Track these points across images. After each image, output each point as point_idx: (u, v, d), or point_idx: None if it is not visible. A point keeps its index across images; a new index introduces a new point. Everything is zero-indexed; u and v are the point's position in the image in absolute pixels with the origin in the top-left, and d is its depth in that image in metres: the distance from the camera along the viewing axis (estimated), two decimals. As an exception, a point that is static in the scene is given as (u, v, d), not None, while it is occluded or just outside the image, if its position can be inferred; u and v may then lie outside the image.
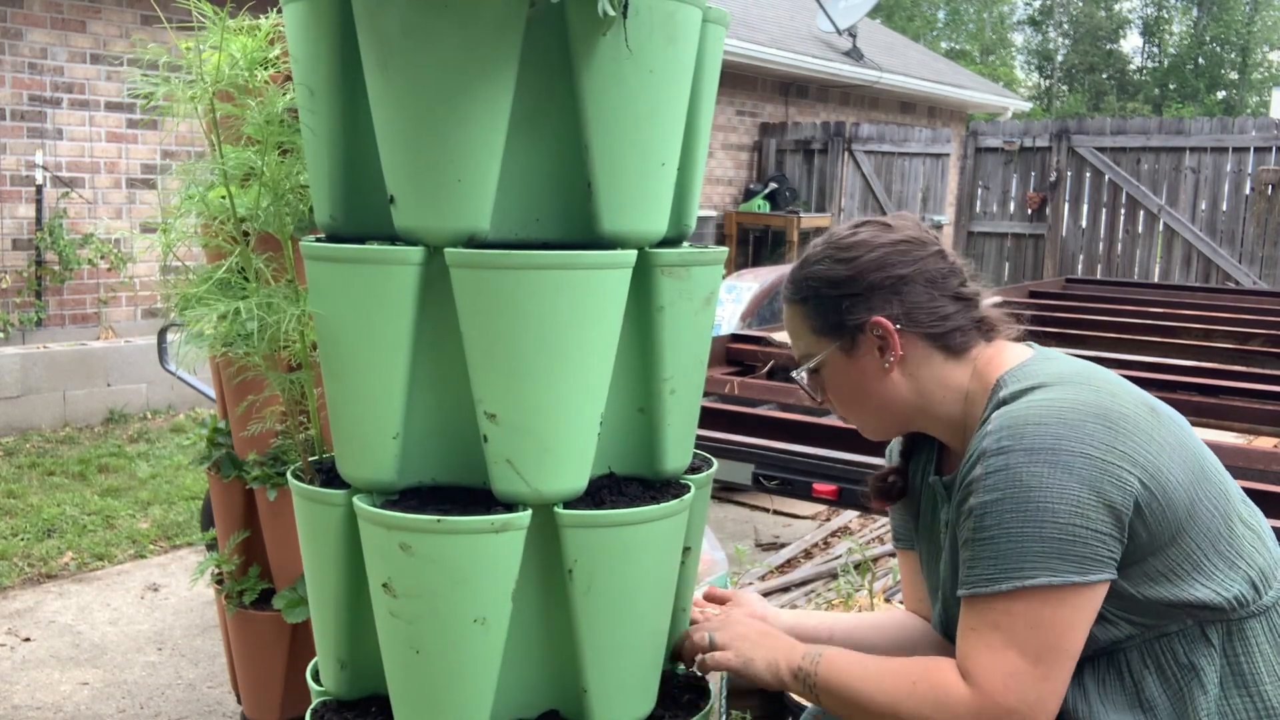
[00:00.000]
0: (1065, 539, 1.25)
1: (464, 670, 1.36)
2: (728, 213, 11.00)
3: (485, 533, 1.32)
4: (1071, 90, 37.24)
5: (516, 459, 1.35)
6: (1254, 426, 2.99)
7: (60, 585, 3.99)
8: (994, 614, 1.29)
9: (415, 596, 1.34)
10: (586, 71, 1.34)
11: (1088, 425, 1.28)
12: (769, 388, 3.37)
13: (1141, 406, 1.34)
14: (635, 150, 1.38)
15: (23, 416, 6.18)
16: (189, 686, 3.22)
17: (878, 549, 4.33)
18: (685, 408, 1.52)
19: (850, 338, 1.46)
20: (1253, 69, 36.58)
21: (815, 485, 2.75)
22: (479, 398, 1.35)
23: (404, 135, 1.32)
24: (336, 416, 1.43)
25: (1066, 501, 1.25)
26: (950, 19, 37.84)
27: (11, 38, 6.36)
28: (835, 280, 1.46)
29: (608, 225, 1.38)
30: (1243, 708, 1.32)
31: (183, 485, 5.18)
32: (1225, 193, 10.10)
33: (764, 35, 11.11)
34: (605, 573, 1.39)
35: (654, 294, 1.43)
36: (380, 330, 1.35)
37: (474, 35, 1.28)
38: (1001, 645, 1.28)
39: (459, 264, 1.32)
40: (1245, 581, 1.33)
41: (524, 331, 1.31)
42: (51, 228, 6.48)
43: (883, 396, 1.47)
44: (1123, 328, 4.57)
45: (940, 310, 1.44)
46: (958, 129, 14.28)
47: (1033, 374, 1.37)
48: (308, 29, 1.39)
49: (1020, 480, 1.27)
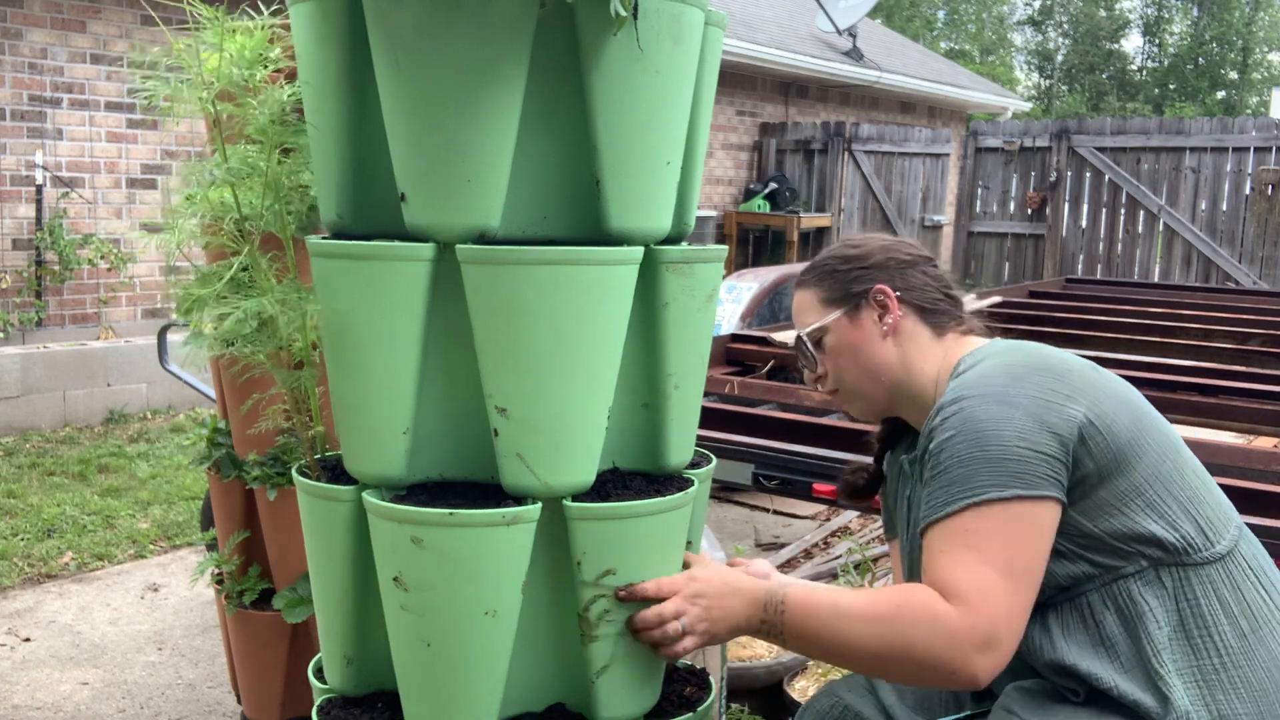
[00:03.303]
0: (1009, 459, 1.35)
1: (475, 663, 1.38)
2: (728, 213, 11.00)
3: (497, 526, 1.34)
4: (1071, 90, 37.24)
5: (527, 453, 1.37)
6: (1254, 426, 2.99)
7: (60, 585, 3.99)
8: (954, 533, 1.36)
9: (426, 590, 1.35)
10: (596, 72, 1.36)
11: (1034, 376, 1.42)
12: (769, 388, 3.37)
13: (1086, 366, 1.48)
14: (642, 149, 1.41)
15: (23, 416, 6.18)
16: (189, 686, 3.22)
17: (878, 549, 4.33)
18: (688, 403, 1.54)
19: (855, 304, 1.62)
20: (1253, 69, 36.57)
21: (815, 485, 2.75)
22: (489, 392, 1.37)
23: (416, 133, 1.33)
24: (344, 413, 1.44)
25: (1011, 428, 1.36)
26: (950, 19, 37.84)
27: (11, 38, 6.36)
28: (847, 258, 1.65)
29: (615, 223, 1.41)
30: (1204, 648, 1.37)
31: (183, 485, 5.18)
32: (1225, 193, 10.11)
33: (764, 35, 11.11)
34: (612, 564, 1.41)
35: (659, 290, 1.46)
36: (391, 326, 1.37)
37: (486, 35, 1.30)
38: (974, 561, 1.34)
39: (471, 260, 1.34)
40: (1194, 526, 1.40)
41: (534, 326, 1.34)
42: (51, 228, 6.48)
43: (874, 358, 1.61)
44: (1123, 328, 4.57)
45: (932, 294, 1.64)
46: (958, 129, 14.28)
47: (985, 352, 1.53)
48: (316, 29, 1.40)
49: (972, 416, 1.38)
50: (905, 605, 1.35)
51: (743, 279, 5.48)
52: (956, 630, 1.31)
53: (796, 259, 10.30)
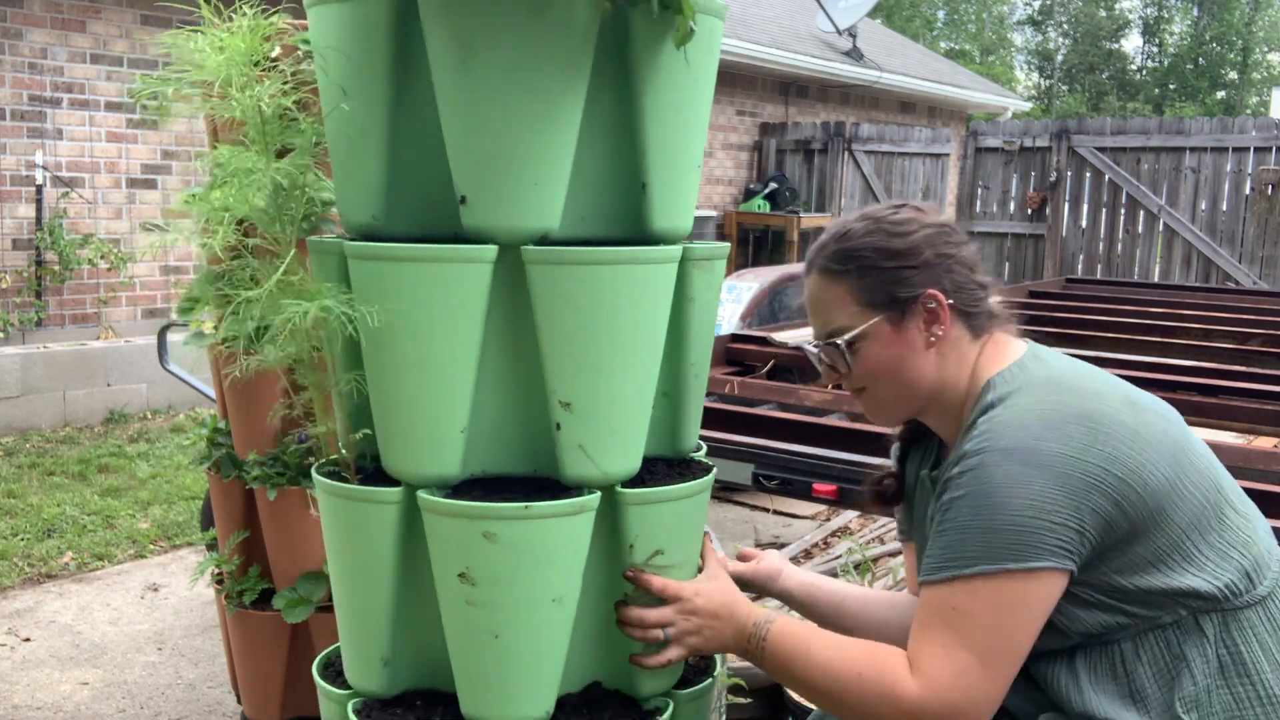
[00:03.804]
0: (1011, 529, 1.27)
1: (542, 649, 1.43)
2: (728, 213, 11.00)
3: (566, 516, 1.40)
4: (1071, 90, 37.23)
5: (588, 444, 1.43)
6: (1254, 426, 2.99)
7: (60, 585, 3.99)
8: (939, 604, 1.31)
9: (496, 582, 1.39)
10: (650, 79, 1.42)
11: (1069, 426, 1.30)
12: (769, 388, 3.38)
13: (1124, 405, 1.35)
14: (683, 152, 1.49)
15: (23, 416, 6.18)
16: (189, 686, 3.22)
17: (878, 549, 4.33)
18: (701, 391, 1.63)
19: (900, 310, 1.44)
20: (1253, 69, 36.56)
21: (815, 485, 2.75)
22: (553, 388, 1.42)
23: (483, 138, 1.36)
24: (393, 414, 1.45)
25: (1025, 495, 1.27)
26: (950, 19, 37.83)
27: (11, 38, 6.36)
28: (892, 252, 1.44)
29: (659, 223, 1.48)
30: (1245, 696, 1.32)
31: (183, 485, 5.18)
32: (1225, 193, 10.10)
33: (764, 35, 11.11)
34: (660, 545, 1.49)
35: (686, 285, 1.53)
36: (454, 327, 1.40)
37: (555, 41, 1.34)
38: (953, 643, 1.29)
39: (538, 261, 1.39)
40: (1238, 571, 1.33)
41: (597, 323, 1.39)
42: (51, 228, 6.48)
43: (915, 372, 1.46)
44: (1123, 328, 4.57)
45: (976, 294, 1.47)
46: (958, 129, 14.27)
47: (1018, 378, 1.39)
48: (356, 32, 1.40)
49: (988, 477, 1.29)
50: (867, 673, 1.34)
51: (743, 279, 5.48)
52: (909, 710, 1.30)
53: (796, 259, 10.30)
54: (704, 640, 1.49)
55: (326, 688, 1.57)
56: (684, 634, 1.48)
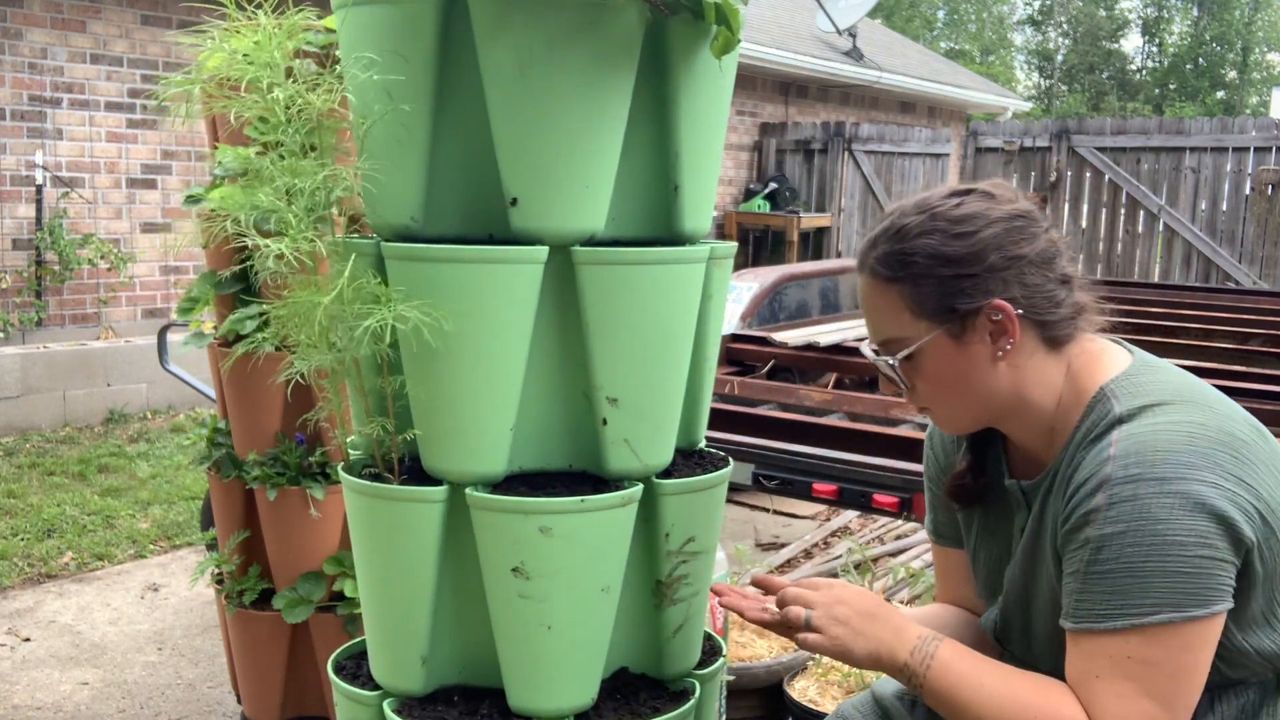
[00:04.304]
0: (1190, 571, 1.16)
1: (591, 638, 1.48)
2: (728, 213, 11.00)
3: (616, 508, 1.45)
4: (1071, 90, 37.23)
5: (633, 438, 1.48)
6: (1254, 426, 2.98)
7: (60, 585, 3.99)
8: (1113, 658, 1.19)
9: (551, 575, 1.42)
10: (686, 85, 1.48)
11: (1218, 454, 1.19)
12: (769, 388, 3.38)
13: (1251, 429, 1.26)
14: (711, 154, 1.55)
15: (23, 416, 6.18)
16: (189, 686, 3.22)
17: (878, 549, 4.33)
18: (711, 384, 1.68)
19: (961, 322, 1.29)
20: (1253, 69, 36.57)
21: (815, 485, 2.75)
22: (600, 384, 1.46)
23: (538, 141, 1.39)
24: (441, 414, 1.45)
25: (1195, 534, 1.16)
26: (950, 19, 37.84)
27: (11, 38, 6.36)
28: (951, 258, 1.28)
29: (689, 223, 1.54)
30: None
31: (183, 485, 5.18)
32: (1225, 193, 10.09)
33: (764, 35, 11.11)
34: (692, 532, 1.56)
35: (707, 283, 1.57)
36: (506, 326, 1.42)
37: (607, 49, 1.38)
38: (1131, 693, 1.18)
39: (589, 261, 1.42)
40: None
41: (643, 320, 1.45)
42: (51, 228, 6.48)
43: (984, 388, 1.32)
44: (1123, 328, 4.55)
45: (1054, 296, 1.31)
46: (958, 129, 14.27)
47: (1145, 388, 1.27)
48: (399, 32, 1.40)
49: (1149, 513, 1.17)
50: (1043, 716, 1.23)
51: (743, 279, 5.48)
52: None
53: (796, 259, 10.30)
54: (852, 635, 1.31)
55: (354, 690, 1.56)
56: (831, 622, 1.31)
